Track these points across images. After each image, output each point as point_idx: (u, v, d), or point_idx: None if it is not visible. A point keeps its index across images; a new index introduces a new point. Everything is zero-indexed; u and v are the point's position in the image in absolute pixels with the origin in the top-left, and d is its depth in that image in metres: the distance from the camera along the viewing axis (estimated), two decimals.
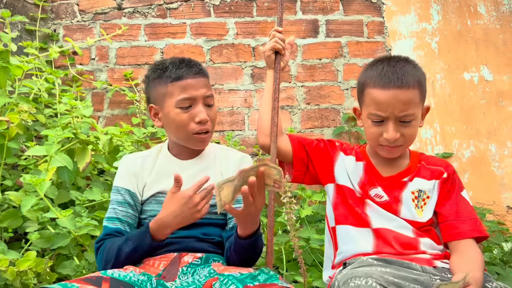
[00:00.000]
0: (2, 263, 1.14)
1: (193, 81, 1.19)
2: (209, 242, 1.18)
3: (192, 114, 1.19)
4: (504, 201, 2.52)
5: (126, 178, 1.24)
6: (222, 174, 1.26)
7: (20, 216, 1.42)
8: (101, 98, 2.61)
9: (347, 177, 1.22)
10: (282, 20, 1.36)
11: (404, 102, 1.10)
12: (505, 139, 2.60)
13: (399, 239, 1.11)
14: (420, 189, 1.17)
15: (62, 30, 2.71)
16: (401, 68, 1.14)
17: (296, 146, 1.27)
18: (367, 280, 0.90)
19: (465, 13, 2.78)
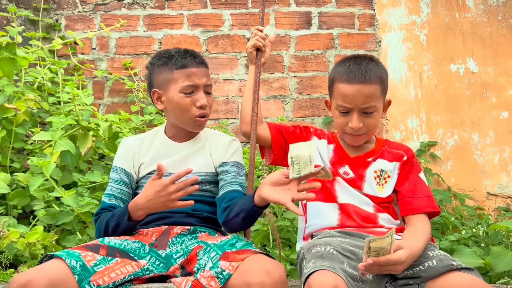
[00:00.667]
0: (14, 235, 1.28)
1: (196, 70, 1.34)
2: (197, 217, 1.32)
3: (194, 99, 1.33)
4: (484, 187, 2.65)
5: (123, 159, 1.38)
6: (211, 155, 1.40)
7: (28, 195, 1.56)
8: (102, 86, 2.73)
9: (320, 158, 1.36)
10: (263, 19, 1.48)
11: (366, 95, 1.25)
12: (488, 129, 2.71)
13: (360, 213, 1.26)
14: (382, 169, 1.31)
15: (64, 20, 2.82)
16: (365, 65, 1.28)
17: (274, 132, 1.41)
18: (326, 247, 1.06)
19: (453, 6, 2.87)
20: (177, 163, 1.35)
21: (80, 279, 1.04)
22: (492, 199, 2.63)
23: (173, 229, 1.27)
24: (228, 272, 1.06)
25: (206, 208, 1.36)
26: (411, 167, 1.33)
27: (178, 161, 1.35)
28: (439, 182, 2.61)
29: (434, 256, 1.11)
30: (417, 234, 1.17)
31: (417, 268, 1.09)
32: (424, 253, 1.13)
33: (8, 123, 1.67)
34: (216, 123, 2.70)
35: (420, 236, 1.16)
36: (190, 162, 1.37)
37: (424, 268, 1.08)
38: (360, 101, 1.25)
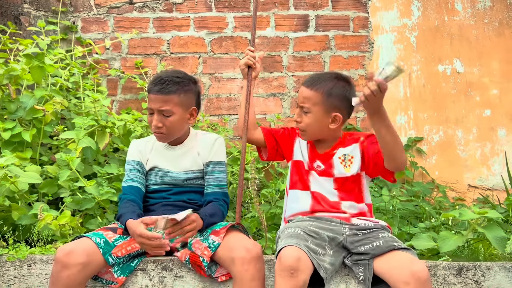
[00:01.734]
0: (48, 218, 1.55)
1: (154, 97, 1.60)
2: (193, 205, 1.63)
3: (150, 119, 1.63)
4: (465, 180, 2.87)
5: (135, 153, 1.69)
6: (199, 153, 1.68)
7: (56, 185, 1.84)
8: (115, 84, 2.98)
9: (301, 154, 1.63)
10: (254, 41, 1.73)
11: (304, 96, 1.54)
12: (471, 126, 2.93)
13: (327, 201, 1.54)
14: (344, 153, 1.57)
15: (80, 22, 3.06)
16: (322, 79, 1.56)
17: (267, 135, 1.68)
18: (295, 229, 1.36)
19: (443, 9, 3.05)
20: (172, 161, 1.67)
21: (104, 252, 1.36)
22: (472, 191, 2.86)
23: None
24: (217, 242, 1.39)
25: (199, 197, 1.67)
26: (369, 142, 1.56)
27: (172, 160, 1.67)
28: (424, 174, 2.85)
29: (382, 237, 1.38)
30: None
31: (368, 246, 1.36)
32: (376, 234, 1.40)
33: (37, 122, 1.94)
34: (220, 119, 2.94)
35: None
36: (180, 162, 1.67)
37: (373, 247, 1.35)
38: (300, 99, 1.56)
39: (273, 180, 2.43)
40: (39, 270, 1.44)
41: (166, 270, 1.45)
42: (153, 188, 1.67)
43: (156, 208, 1.61)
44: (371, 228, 1.44)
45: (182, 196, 1.63)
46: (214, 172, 1.66)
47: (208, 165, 1.67)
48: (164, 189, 1.66)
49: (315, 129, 1.54)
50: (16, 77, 2.01)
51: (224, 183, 1.66)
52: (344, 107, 1.55)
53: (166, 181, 1.65)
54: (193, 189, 1.66)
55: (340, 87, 1.54)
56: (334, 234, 1.39)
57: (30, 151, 1.91)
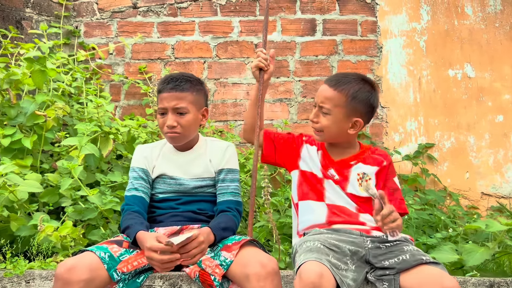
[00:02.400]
0: (49, 229, 1.47)
1: (167, 95, 1.53)
2: (203, 215, 1.54)
3: (165, 120, 1.53)
4: (479, 188, 2.79)
5: (140, 160, 1.59)
6: (210, 160, 1.60)
7: (57, 194, 1.76)
8: (118, 89, 2.92)
9: (311, 162, 1.53)
10: (266, 42, 1.65)
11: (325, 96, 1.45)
12: (483, 132, 2.85)
13: (344, 212, 1.44)
14: (365, 172, 1.48)
15: (83, 27, 3.00)
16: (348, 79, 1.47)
17: (266, 139, 1.58)
18: (315, 242, 1.26)
19: (453, 13, 2.99)
20: (181, 168, 1.58)
21: (108, 268, 1.26)
22: (486, 199, 2.78)
23: (184, 229, 1.48)
24: (230, 259, 1.28)
25: (210, 207, 1.57)
26: (388, 172, 1.49)
27: (182, 166, 1.58)
28: (435, 182, 2.76)
29: (408, 250, 1.28)
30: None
31: (393, 260, 1.26)
32: (400, 247, 1.30)
33: (38, 129, 1.87)
34: (225, 125, 2.87)
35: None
36: (191, 169, 1.58)
37: (398, 261, 1.25)
38: (319, 98, 1.47)
39: (281, 188, 2.35)
40: (38, 287, 1.35)
41: (175, 286, 1.36)
42: (161, 197, 1.57)
43: (164, 219, 1.51)
44: (394, 241, 1.34)
45: (191, 206, 1.54)
46: (227, 180, 1.57)
47: (220, 173, 1.59)
48: (173, 198, 1.56)
49: (333, 132, 1.46)
50: (17, 82, 1.94)
51: (238, 192, 1.57)
52: (366, 113, 1.48)
53: (175, 189, 1.56)
54: (203, 198, 1.57)
55: (365, 91, 1.46)
56: (355, 247, 1.30)
57: (30, 159, 1.84)
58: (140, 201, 1.50)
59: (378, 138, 2.88)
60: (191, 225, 1.48)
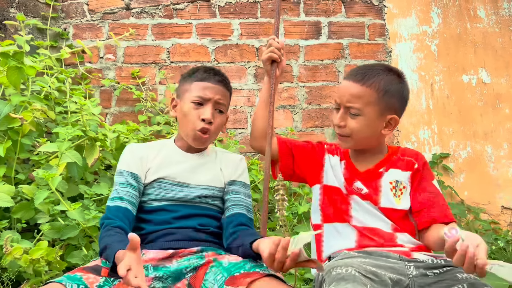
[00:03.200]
0: (17, 251, 1.23)
1: (212, 86, 1.34)
2: (205, 232, 1.27)
3: (200, 111, 1.32)
4: (498, 201, 2.58)
5: (131, 162, 1.33)
6: (221, 170, 1.38)
7: (33, 208, 1.52)
8: (109, 95, 2.70)
9: (334, 176, 1.30)
10: (278, 29, 1.43)
11: (352, 94, 1.22)
12: (501, 141, 2.66)
13: (378, 233, 1.20)
14: (397, 180, 1.25)
15: (72, 29, 2.80)
16: (373, 70, 1.23)
17: (283, 149, 1.35)
18: (347, 268, 1.00)
19: (465, 16, 2.83)
20: (185, 172, 1.33)
21: None
22: (507, 213, 2.57)
23: (179, 253, 1.21)
24: None
25: (213, 223, 1.31)
26: (423, 176, 1.27)
27: (187, 170, 1.33)
28: (452, 195, 2.55)
29: (464, 279, 1.04)
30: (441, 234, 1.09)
31: None
32: (453, 275, 1.06)
33: (13, 134, 1.63)
34: (225, 133, 2.66)
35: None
36: (199, 174, 1.34)
37: None
38: (345, 97, 1.23)
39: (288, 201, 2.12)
40: None
41: None
42: (155, 206, 1.30)
43: (156, 237, 1.24)
44: (443, 266, 1.10)
45: (191, 220, 1.26)
46: (240, 193, 1.34)
47: (232, 184, 1.35)
48: (169, 208, 1.28)
49: (364, 136, 1.23)
50: None
51: (251, 208, 1.34)
52: (400, 108, 1.26)
53: (174, 196, 1.29)
54: (205, 212, 1.30)
55: (397, 83, 1.24)
56: (397, 275, 1.05)
57: (3, 168, 1.60)
58: (124, 214, 1.22)
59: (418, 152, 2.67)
60: (188, 249, 1.21)
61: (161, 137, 2.34)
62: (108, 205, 1.26)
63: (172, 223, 1.25)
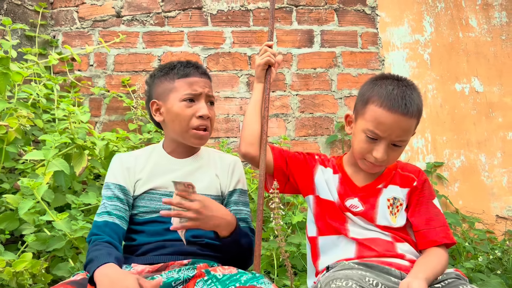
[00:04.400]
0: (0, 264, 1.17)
1: (199, 80, 1.28)
2: (198, 245, 1.21)
3: (194, 109, 1.26)
4: (493, 210, 2.56)
5: (118, 174, 1.26)
6: (218, 176, 1.32)
7: (17, 219, 1.46)
8: (99, 103, 2.65)
9: (327, 189, 1.26)
10: (273, 33, 1.40)
11: (404, 129, 1.14)
12: (495, 150, 2.65)
13: (378, 243, 1.16)
14: (395, 197, 1.21)
15: (62, 37, 2.76)
16: (410, 95, 1.15)
17: (277, 157, 1.30)
18: (348, 281, 0.95)
19: (457, 25, 2.84)
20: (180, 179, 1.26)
21: None
22: (501, 222, 2.55)
23: (169, 266, 1.15)
24: None
25: (206, 233, 1.24)
26: (422, 194, 1.23)
27: (179, 178, 1.24)
28: (447, 204, 2.53)
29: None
30: (431, 266, 1.08)
31: None
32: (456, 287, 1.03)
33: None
34: (217, 141, 2.62)
35: (432, 267, 1.07)
36: (192, 180, 1.27)
37: None
38: (395, 133, 1.14)
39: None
40: None
41: None
42: (146, 219, 1.24)
43: (146, 251, 1.18)
44: (445, 280, 1.06)
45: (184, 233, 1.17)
46: (240, 203, 1.29)
47: (231, 194, 1.30)
48: (161, 219, 1.20)
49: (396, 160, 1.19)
50: None
51: (249, 218, 1.30)
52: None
53: (165, 207, 1.19)
54: None
55: (420, 95, 1.19)
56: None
57: None
58: (112, 229, 1.16)
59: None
60: (179, 261, 1.16)
61: None
62: (96, 221, 1.20)
63: (164, 235, 1.19)
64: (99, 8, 2.80)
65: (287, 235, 1.79)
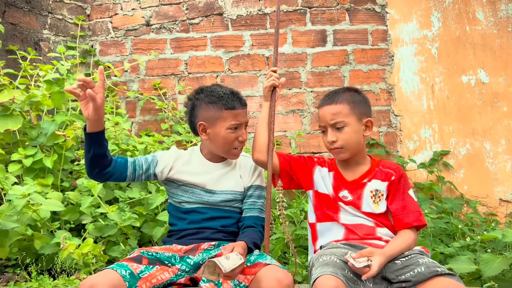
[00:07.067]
0: (71, 247, 1.52)
1: (241, 111, 1.58)
2: (224, 232, 1.55)
3: (237, 134, 1.56)
4: (496, 194, 2.76)
5: (166, 155, 1.61)
6: (241, 177, 1.63)
7: (78, 211, 1.81)
8: (134, 106, 2.98)
9: (323, 185, 1.55)
10: (277, 60, 1.69)
11: (333, 113, 1.48)
12: (499, 137, 2.82)
13: (362, 228, 1.45)
14: (377, 189, 1.49)
15: (98, 46, 3.09)
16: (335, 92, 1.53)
17: (282, 161, 1.60)
18: (331, 256, 1.28)
19: (464, 19, 2.98)
20: (213, 181, 1.60)
21: (129, 285, 1.29)
22: (504, 205, 2.74)
23: (200, 246, 1.50)
24: (244, 284, 1.31)
25: (232, 222, 1.59)
26: (399, 186, 1.50)
27: (214, 179, 1.60)
28: (452, 189, 2.74)
29: (423, 263, 1.28)
30: (396, 243, 1.38)
31: (408, 273, 1.27)
32: (415, 260, 1.31)
33: (58, 148, 1.93)
34: None
35: (396, 245, 1.37)
36: (224, 182, 1.61)
37: (414, 274, 1.26)
38: (328, 118, 1.48)
39: (296, 199, 2.36)
40: None
41: None
42: (188, 208, 1.58)
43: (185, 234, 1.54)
44: (410, 255, 1.35)
45: (215, 222, 1.55)
46: (254, 196, 1.61)
47: (249, 189, 1.62)
48: (200, 210, 1.57)
49: (354, 142, 1.48)
50: (37, 103, 2.01)
51: (264, 208, 1.60)
52: (369, 112, 1.54)
53: (203, 200, 1.57)
54: (229, 214, 1.58)
55: (356, 94, 1.53)
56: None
57: (51, 177, 1.89)
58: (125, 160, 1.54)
59: (392, 146, 2.88)
60: (207, 242, 1.50)
61: (182, 146, 2.61)
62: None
63: (200, 223, 1.55)
64: (130, 18, 3.10)
65: (300, 221, 2.08)
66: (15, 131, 2.02)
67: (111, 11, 3.12)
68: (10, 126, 1.87)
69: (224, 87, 1.62)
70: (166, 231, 1.86)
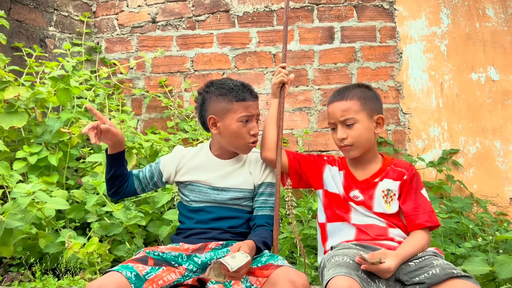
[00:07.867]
0: (76, 246, 1.49)
1: (252, 103, 1.53)
2: (231, 233, 1.51)
3: (248, 127, 1.51)
4: (507, 193, 2.71)
5: (168, 162, 1.59)
6: (251, 173, 1.58)
7: (83, 210, 1.79)
8: (140, 103, 2.96)
9: (334, 184, 1.51)
10: (286, 56, 1.65)
11: (342, 109, 1.45)
12: (510, 136, 2.77)
13: (373, 228, 1.41)
14: (389, 189, 1.45)
15: (104, 43, 3.07)
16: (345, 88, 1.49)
17: (291, 159, 1.56)
18: (343, 257, 1.24)
19: (473, 16, 2.93)
20: (220, 179, 1.56)
21: (135, 287, 1.25)
22: None
23: (208, 245, 1.46)
24: (256, 286, 1.27)
25: (241, 223, 1.54)
26: (411, 185, 1.46)
27: (221, 176, 1.55)
28: (461, 188, 2.70)
29: (438, 265, 1.25)
30: (409, 245, 1.34)
31: (423, 275, 1.23)
32: (429, 262, 1.27)
33: (63, 145, 1.91)
34: None
35: (410, 246, 1.33)
36: (231, 179, 1.56)
37: (428, 276, 1.22)
38: (337, 115, 1.45)
39: (304, 198, 2.33)
40: None
41: None
42: (196, 207, 1.54)
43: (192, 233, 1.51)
44: (423, 256, 1.32)
45: (223, 222, 1.50)
46: (265, 194, 1.56)
47: (260, 186, 1.57)
48: (207, 209, 1.53)
49: (365, 139, 1.45)
50: (42, 100, 1.99)
51: (273, 206, 1.55)
52: (380, 109, 1.50)
53: (211, 198, 1.53)
54: (238, 214, 1.53)
55: (367, 91, 1.50)
56: None
57: (56, 175, 1.87)
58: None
59: (401, 145, 2.84)
60: (215, 242, 1.47)
61: (188, 144, 2.58)
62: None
63: (207, 223, 1.50)
64: (136, 15, 3.08)
65: (308, 220, 2.05)
66: (20, 128, 2.00)
67: (117, 8, 3.10)
68: (15, 123, 1.86)
69: (235, 80, 1.58)
70: (172, 230, 1.83)
